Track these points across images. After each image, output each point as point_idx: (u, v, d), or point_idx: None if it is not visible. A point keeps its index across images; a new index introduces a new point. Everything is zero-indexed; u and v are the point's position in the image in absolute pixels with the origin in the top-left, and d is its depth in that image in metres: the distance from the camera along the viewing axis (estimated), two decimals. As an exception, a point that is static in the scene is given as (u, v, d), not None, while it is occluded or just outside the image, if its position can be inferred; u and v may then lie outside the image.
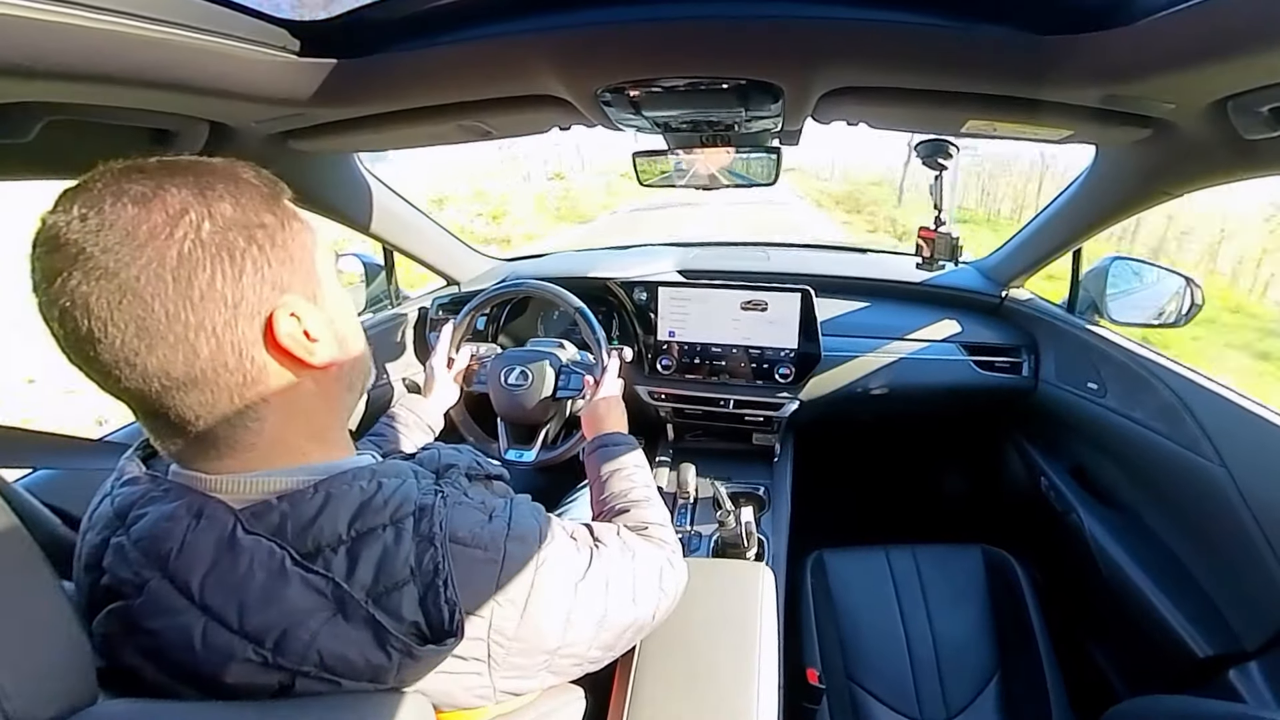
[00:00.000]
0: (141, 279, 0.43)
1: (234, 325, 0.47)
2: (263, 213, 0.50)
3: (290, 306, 0.50)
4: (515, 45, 0.76)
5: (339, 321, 0.56)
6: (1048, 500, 1.61)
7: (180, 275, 0.44)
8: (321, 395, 0.55)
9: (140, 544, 0.48)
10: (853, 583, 1.45)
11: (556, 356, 1.43)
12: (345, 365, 0.57)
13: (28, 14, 0.50)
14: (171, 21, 0.61)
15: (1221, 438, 1.10)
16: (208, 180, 0.47)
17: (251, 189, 0.50)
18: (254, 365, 0.49)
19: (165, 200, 0.45)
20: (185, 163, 0.49)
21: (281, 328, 0.49)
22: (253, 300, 0.48)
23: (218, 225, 0.46)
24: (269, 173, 0.54)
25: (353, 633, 0.47)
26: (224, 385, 0.48)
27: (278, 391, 0.51)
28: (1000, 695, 1.27)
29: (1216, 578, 1.15)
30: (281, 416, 0.52)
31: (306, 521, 0.49)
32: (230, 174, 0.50)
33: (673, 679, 0.79)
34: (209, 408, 0.48)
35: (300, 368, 0.52)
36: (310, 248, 0.53)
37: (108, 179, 0.45)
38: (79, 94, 0.67)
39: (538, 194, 17.32)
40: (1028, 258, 1.56)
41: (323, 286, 0.54)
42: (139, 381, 0.45)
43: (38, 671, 0.39)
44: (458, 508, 0.55)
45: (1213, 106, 0.72)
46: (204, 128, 0.89)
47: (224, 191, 0.48)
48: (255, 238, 0.48)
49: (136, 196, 0.44)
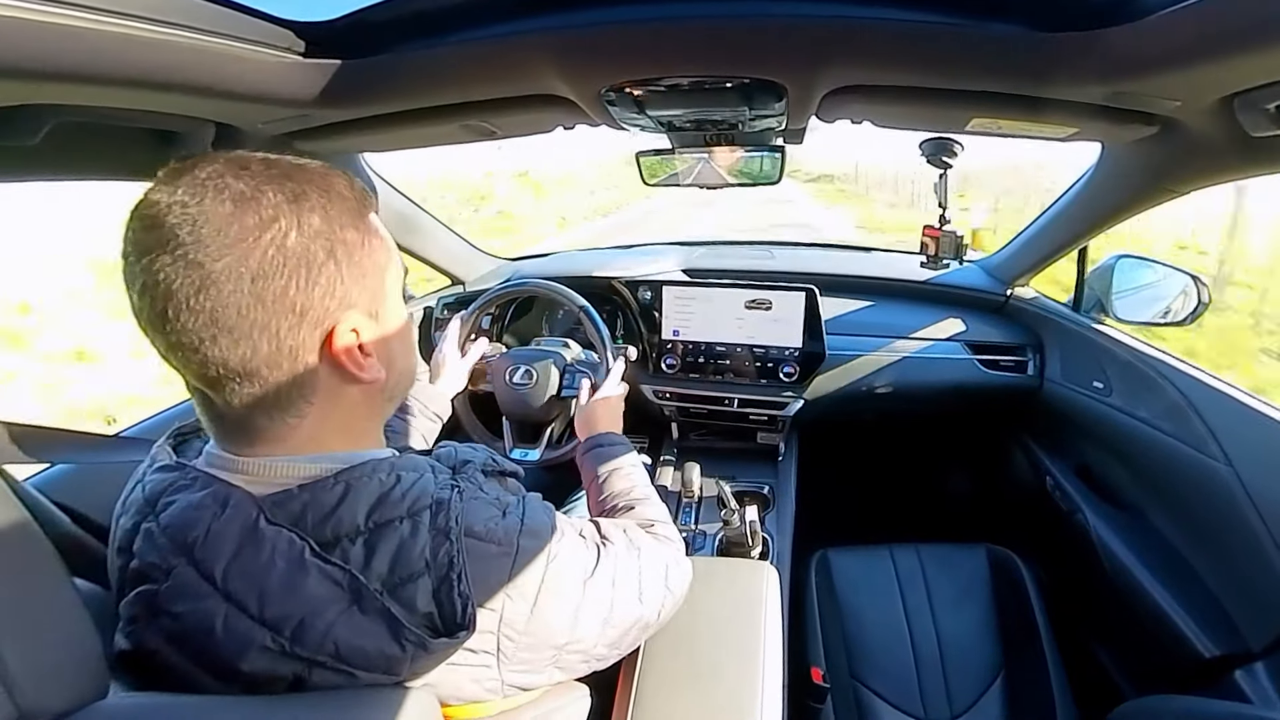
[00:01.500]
0: (223, 275, 0.45)
1: (296, 331, 0.48)
2: (347, 228, 0.51)
3: (352, 322, 0.51)
4: (519, 45, 0.76)
5: (394, 340, 0.58)
6: (1053, 499, 1.60)
7: (259, 277, 0.46)
8: (364, 404, 0.57)
9: (168, 530, 0.50)
10: (857, 582, 1.45)
11: (561, 356, 1.43)
12: (392, 382, 0.59)
13: (36, 17, 0.50)
14: (177, 23, 0.61)
15: (1228, 437, 1.10)
16: (304, 189, 0.49)
17: (342, 202, 0.52)
18: (306, 369, 0.50)
19: (260, 203, 0.46)
20: (286, 165, 0.50)
21: (339, 341, 0.51)
22: (319, 311, 0.49)
23: (304, 235, 0.48)
24: (361, 184, 0.55)
25: (368, 624, 0.48)
26: (273, 382, 0.49)
27: (323, 396, 0.52)
28: (1005, 695, 1.27)
29: (1222, 578, 1.15)
30: (321, 416, 0.53)
31: (326, 512, 0.50)
32: (326, 184, 0.51)
33: (677, 677, 0.79)
34: (255, 399, 0.50)
35: (349, 379, 0.53)
36: (383, 266, 0.55)
37: (215, 168, 0.47)
38: (86, 96, 0.67)
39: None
40: (1033, 256, 1.55)
41: (387, 305, 0.56)
42: (198, 364, 0.47)
43: (48, 666, 0.39)
44: (473, 503, 0.55)
45: (1219, 103, 0.72)
46: (210, 129, 0.90)
47: (316, 202, 0.49)
48: (335, 252, 0.50)
49: (236, 194, 0.46)
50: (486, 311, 1.49)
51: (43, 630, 0.40)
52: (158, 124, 0.82)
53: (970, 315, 1.69)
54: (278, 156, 0.51)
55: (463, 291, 1.89)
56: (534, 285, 1.45)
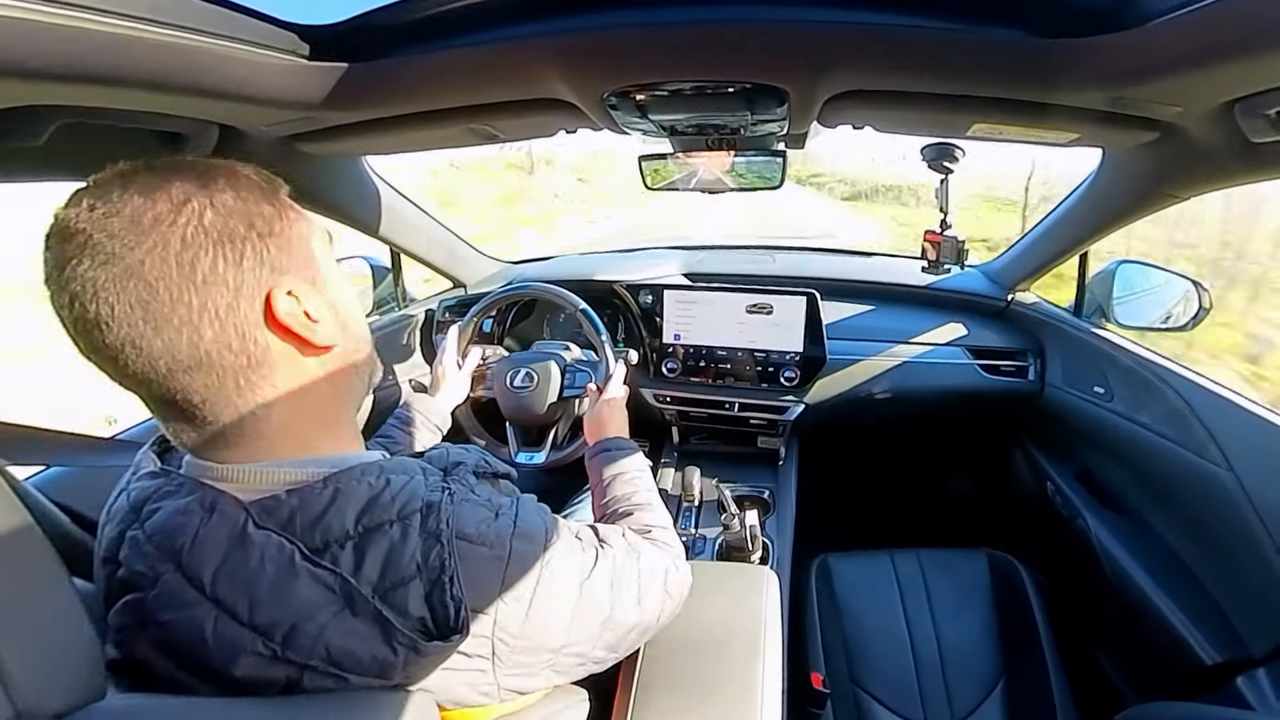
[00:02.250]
0: (146, 263, 0.44)
1: (236, 307, 0.48)
2: (261, 203, 0.52)
3: (288, 286, 0.51)
4: (522, 49, 0.77)
5: (340, 305, 0.57)
6: (1054, 505, 1.60)
7: (184, 260, 0.46)
8: (328, 381, 0.56)
9: (154, 538, 0.49)
10: (858, 587, 1.45)
11: (561, 356, 1.43)
12: (350, 349, 0.58)
13: (40, 18, 0.50)
14: (182, 25, 0.61)
15: (1229, 442, 1.10)
16: (209, 175, 0.50)
17: (250, 183, 0.52)
18: (257, 346, 0.50)
19: (169, 190, 0.47)
20: (188, 161, 0.51)
21: (280, 306, 0.50)
22: (252, 283, 0.49)
23: (219, 213, 0.48)
24: (269, 174, 0.56)
25: (360, 628, 0.47)
26: (229, 367, 0.49)
27: (283, 374, 0.52)
28: (1005, 700, 1.26)
29: (1224, 583, 1.15)
30: (289, 403, 0.53)
31: (315, 516, 0.49)
32: (231, 170, 0.52)
33: (677, 682, 0.79)
34: (215, 390, 0.49)
35: (304, 347, 0.53)
36: (307, 236, 0.55)
37: (115, 174, 0.48)
38: (90, 97, 0.67)
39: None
40: (1034, 261, 1.55)
41: (321, 272, 0.56)
42: (145, 365, 0.46)
43: (47, 666, 0.39)
44: (464, 505, 0.55)
45: (1219, 109, 0.72)
46: (214, 131, 0.90)
47: (225, 184, 0.50)
48: (254, 225, 0.50)
49: (143, 187, 0.46)
50: (487, 315, 1.49)
51: (42, 630, 0.40)
52: (162, 126, 0.82)
53: (971, 320, 1.69)
54: (178, 158, 0.52)
55: (464, 294, 1.90)
56: (534, 288, 1.45)
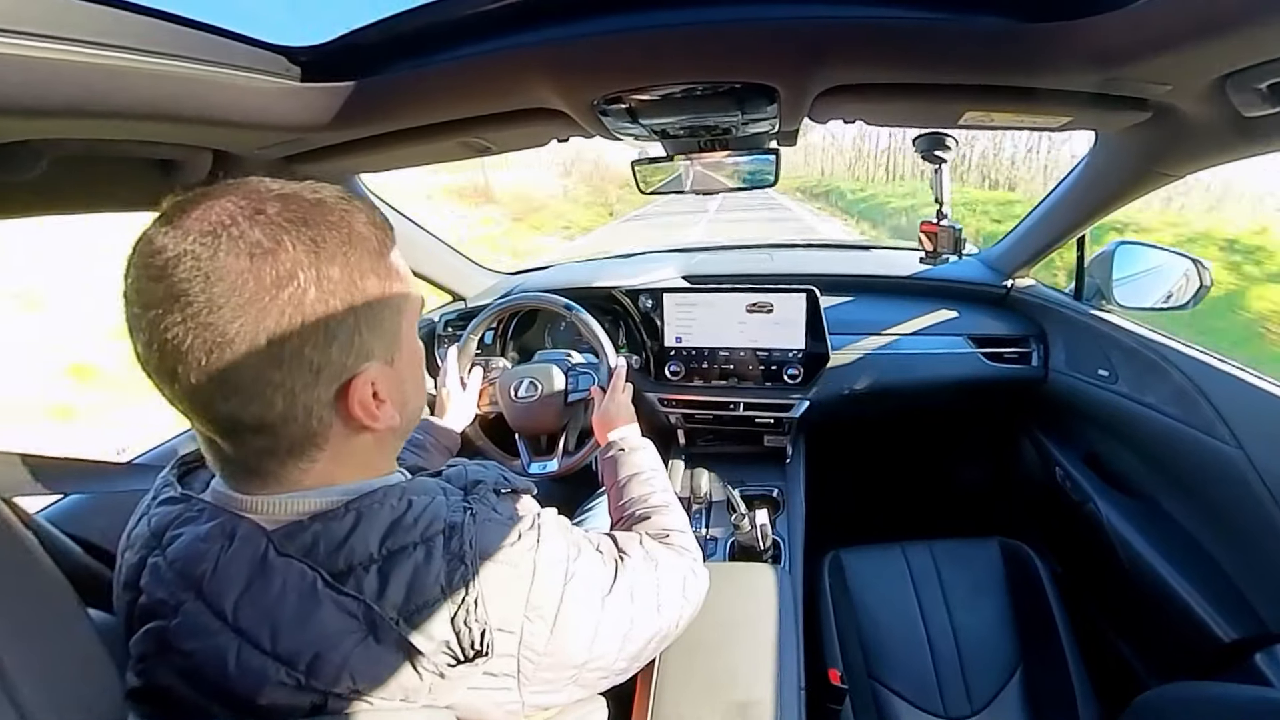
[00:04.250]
0: (237, 337, 0.43)
1: (312, 389, 0.48)
2: (368, 275, 0.49)
3: (370, 375, 0.50)
4: (511, 60, 0.77)
5: (409, 382, 0.57)
6: (1063, 490, 1.60)
7: (275, 339, 0.44)
8: (376, 446, 0.56)
9: (175, 565, 0.49)
10: (871, 581, 1.44)
11: (564, 361, 1.43)
12: (405, 424, 0.58)
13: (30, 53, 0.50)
14: (172, 54, 0.62)
15: (1237, 419, 1.09)
16: (323, 235, 0.47)
17: (362, 245, 0.50)
18: (320, 424, 0.50)
19: (278, 256, 0.44)
20: (305, 204, 0.48)
21: (356, 395, 0.50)
22: (336, 367, 0.48)
23: (323, 291, 0.46)
24: (382, 216, 0.54)
25: (384, 654, 0.47)
26: (287, 435, 0.49)
27: (335, 444, 0.52)
28: (1024, 688, 1.26)
29: (1238, 561, 1.14)
30: (332, 460, 0.53)
31: (338, 542, 0.49)
32: (346, 226, 0.49)
33: (695, 684, 0.79)
34: (268, 450, 0.49)
35: (363, 429, 0.52)
36: (401, 312, 0.54)
37: (228, 210, 0.44)
38: (84, 130, 0.67)
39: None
40: (1031, 246, 1.55)
41: (403, 348, 0.55)
42: (207, 418, 0.47)
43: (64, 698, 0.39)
44: (487, 525, 0.55)
45: (1211, 85, 0.72)
46: (208, 156, 0.90)
47: (335, 249, 0.47)
48: (354, 306, 0.48)
49: (252, 246, 0.43)
50: (488, 327, 1.50)
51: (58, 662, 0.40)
52: (155, 154, 0.82)
53: (972, 308, 1.69)
54: (294, 189, 0.49)
55: (464, 307, 1.90)
56: (531, 298, 1.46)
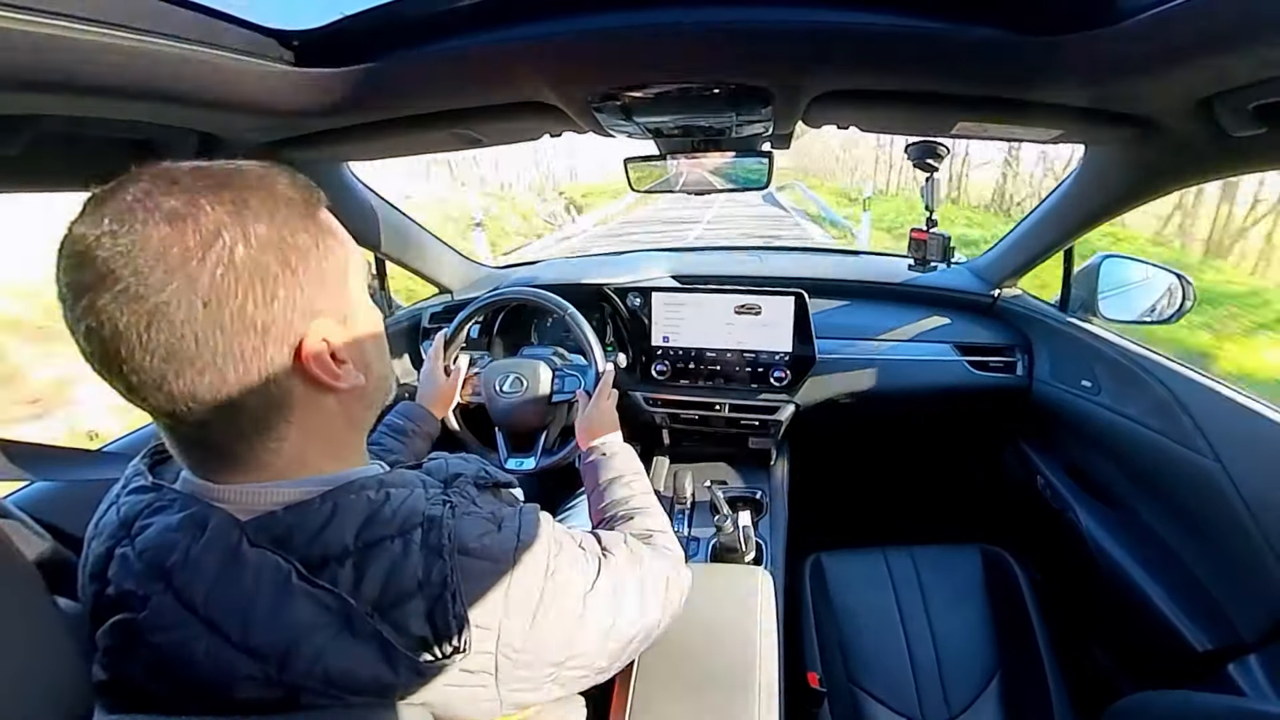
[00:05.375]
0: (171, 304, 0.41)
1: (263, 351, 0.46)
2: (298, 231, 0.48)
3: (321, 331, 0.49)
4: (506, 53, 0.76)
5: (368, 342, 0.55)
6: (1044, 499, 1.61)
7: (211, 301, 0.42)
8: (343, 414, 0.55)
9: (144, 555, 0.48)
10: (852, 585, 1.45)
11: (551, 360, 1.43)
12: (370, 387, 0.57)
13: (14, 25, 0.49)
14: (160, 32, 0.61)
15: (1216, 433, 1.11)
16: (244, 195, 0.45)
17: (288, 204, 0.48)
18: (279, 389, 0.48)
19: (199, 220, 0.43)
20: (221, 172, 0.46)
21: (310, 353, 0.48)
22: (283, 325, 0.47)
23: (251, 248, 0.44)
24: (305, 179, 0.52)
25: (359, 648, 0.46)
26: (248, 407, 0.47)
27: (300, 412, 0.50)
28: (1001, 694, 1.27)
29: (1213, 572, 1.16)
30: (302, 437, 0.51)
31: (313, 533, 0.48)
32: (267, 186, 0.48)
33: (673, 685, 0.79)
34: (232, 426, 0.48)
35: (325, 390, 0.51)
36: (344, 267, 0.52)
37: (141, 188, 0.43)
38: (67, 106, 0.66)
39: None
40: (1019, 257, 1.56)
41: (354, 306, 0.53)
42: (164, 401, 0.45)
43: (29, 688, 0.39)
44: (466, 518, 0.54)
45: (1199, 104, 0.73)
46: (193, 138, 0.89)
47: (259, 208, 0.46)
48: (289, 260, 0.46)
49: (170, 213, 0.42)
50: (475, 321, 1.49)
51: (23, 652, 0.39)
52: (141, 134, 0.81)
53: (959, 317, 1.70)
54: (210, 163, 0.47)
55: (450, 300, 1.89)
56: (520, 293, 1.45)
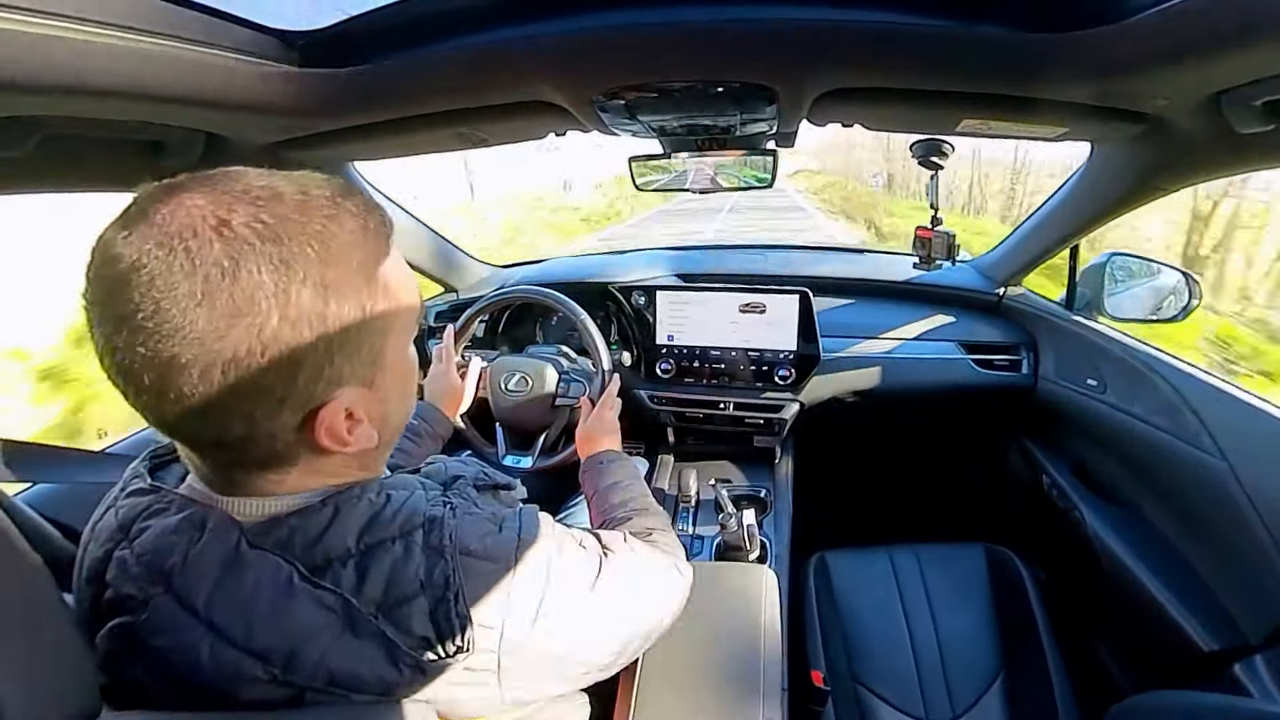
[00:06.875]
0: (191, 366, 0.40)
1: (274, 416, 0.45)
2: (346, 297, 0.45)
3: (344, 401, 0.47)
4: (510, 52, 0.76)
5: (391, 400, 0.54)
6: (1050, 498, 1.61)
7: (231, 368, 0.41)
8: (356, 460, 0.54)
9: (143, 558, 0.48)
10: (856, 583, 1.45)
11: (559, 362, 1.43)
12: (385, 440, 0.56)
13: (25, 28, 0.50)
14: (167, 34, 0.61)
15: (1222, 431, 1.10)
16: (295, 250, 0.42)
17: (343, 260, 0.44)
18: (285, 447, 0.48)
19: (239, 283, 0.40)
20: (281, 210, 0.43)
21: (323, 424, 0.47)
22: (303, 395, 0.45)
23: (288, 320, 0.42)
24: (379, 215, 0.49)
25: (362, 648, 0.46)
26: (250, 454, 0.47)
27: (306, 461, 0.50)
28: (1005, 693, 1.27)
29: (1219, 572, 1.15)
30: (305, 476, 0.51)
31: (315, 536, 0.48)
32: (325, 237, 0.44)
33: (677, 683, 0.79)
34: (234, 463, 0.48)
35: (333, 453, 0.50)
36: (386, 331, 0.49)
37: (191, 220, 0.40)
38: (75, 107, 0.67)
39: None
40: (1025, 255, 1.56)
41: (386, 368, 0.51)
42: (170, 431, 0.45)
43: (41, 685, 0.39)
44: (467, 519, 0.54)
45: (1206, 101, 0.73)
46: (200, 139, 0.90)
47: (308, 270, 0.42)
48: (326, 332, 0.44)
49: (211, 268, 0.39)
50: (480, 319, 1.49)
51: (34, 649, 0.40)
52: (148, 135, 0.82)
53: (964, 315, 1.69)
54: (278, 187, 0.44)
55: (455, 299, 1.89)
56: (527, 292, 1.45)
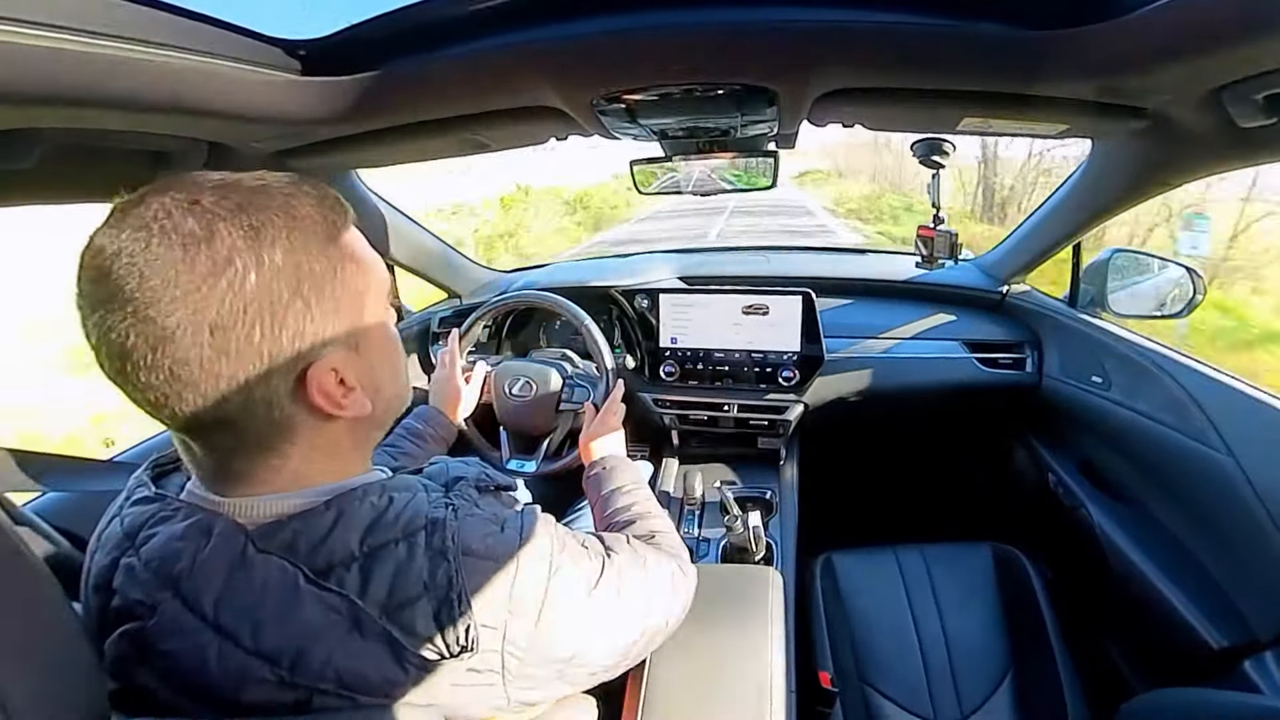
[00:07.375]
0: (179, 329, 0.42)
1: (266, 381, 0.46)
2: (315, 257, 0.48)
3: (330, 361, 0.49)
4: (511, 57, 0.77)
5: (380, 367, 0.55)
6: (1056, 496, 1.60)
7: (218, 329, 0.43)
8: (349, 436, 0.55)
9: (150, 565, 0.48)
10: (863, 584, 1.44)
11: (564, 367, 1.43)
12: (380, 410, 0.57)
13: (30, 41, 0.50)
14: (170, 45, 0.61)
15: (1228, 427, 1.10)
16: (262, 219, 0.45)
17: (309, 227, 0.48)
18: (282, 414, 0.49)
19: (214, 244, 0.43)
20: (244, 191, 0.46)
21: (315, 384, 0.49)
22: (289, 354, 0.47)
23: (264, 277, 0.44)
24: (335, 196, 0.52)
25: (368, 649, 0.47)
26: (250, 429, 0.48)
27: (304, 435, 0.51)
28: (1014, 693, 1.26)
29: (1228, 568, 1.15)
30: (305, 455, 0.52)
31: (319, 539, 0.49)
32: (289, 208, 0.47)
33: (684, 685, 0.79)
34: (235, 445, 0.49)
35: (331, 417, 0.51)
36: (361, 293, 0.52)
37: (163, 204, 0.43)
38: (81, 119, 0.67)
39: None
40: (1027, 253, 1.56)
41: (368, 331, 0.53)
42: (168, 416, 0.46)
43: (50, 693, 0.39)
44: (469, 520, 0.54)
45: (1207, 96, 0.73)
46: (203, 148, 0.90)
47: (277, 233, 0.46)
48: (301, 288, 0.46)
49: (186, 235, 0.42)
50: (484, 323, 1.49)
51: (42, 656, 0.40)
52: (152, 145, 0.82)
53: (967, 314, 1.69)
54: (235, 178, 0.47)
55: (459, 305, 1.89)
56: (531, 297, 1.45)
